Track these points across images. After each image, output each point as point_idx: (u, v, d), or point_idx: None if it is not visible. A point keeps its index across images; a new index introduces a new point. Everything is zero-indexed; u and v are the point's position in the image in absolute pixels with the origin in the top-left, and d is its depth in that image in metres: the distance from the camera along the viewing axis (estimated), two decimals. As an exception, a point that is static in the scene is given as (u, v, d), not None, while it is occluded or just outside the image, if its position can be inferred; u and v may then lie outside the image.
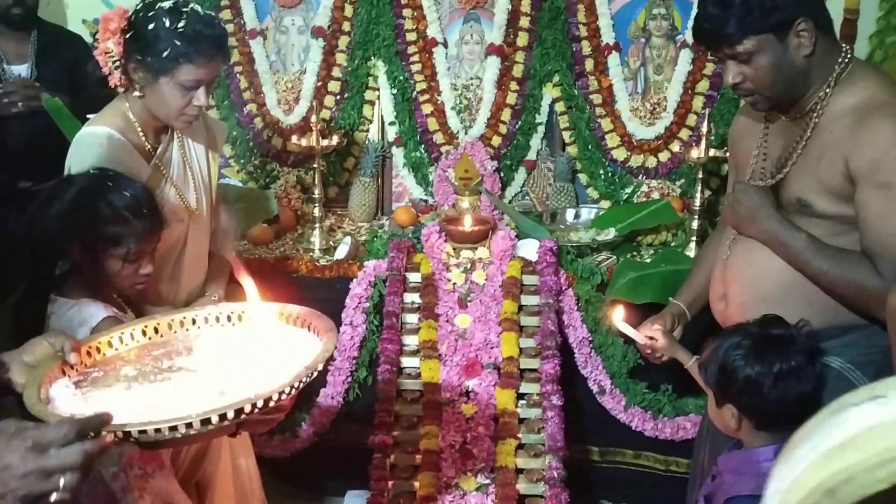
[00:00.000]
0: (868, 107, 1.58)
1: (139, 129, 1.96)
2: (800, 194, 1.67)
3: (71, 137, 2.61)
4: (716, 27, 1.64)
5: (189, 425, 1.00)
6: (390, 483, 2.24)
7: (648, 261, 2.67)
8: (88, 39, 3.24)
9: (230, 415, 1.01)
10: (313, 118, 2.78)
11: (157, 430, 0.99)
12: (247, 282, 1.32)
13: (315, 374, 1.14)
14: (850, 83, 1.63)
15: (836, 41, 1.68)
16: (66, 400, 1.12)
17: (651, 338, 1.96)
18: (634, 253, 2.77)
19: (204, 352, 1.25)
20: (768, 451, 1.62)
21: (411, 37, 3.14)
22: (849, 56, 1.66)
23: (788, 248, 1.66)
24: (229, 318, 1.33)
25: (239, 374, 1.14)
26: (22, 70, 2.88)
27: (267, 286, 1.53)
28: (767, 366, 1.56)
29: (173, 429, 1.00)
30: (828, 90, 1.64)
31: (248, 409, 1.03)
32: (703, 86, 3.06)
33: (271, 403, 1.05)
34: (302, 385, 1.10)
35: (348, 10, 3.15)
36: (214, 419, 1.01)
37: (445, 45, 3.17)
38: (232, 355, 1.23)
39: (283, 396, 1.07)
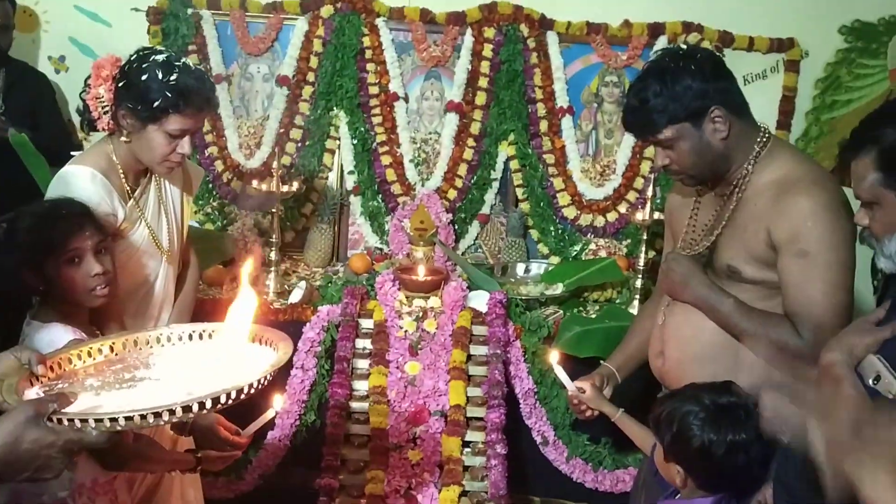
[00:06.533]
0: (786, 182, 1.73)
1: (121, 171, 2.02)
2: (730, 261, 1.80)
3: (35, 172, 2.67)
4: (637, 119, 1.81)
5: (172, 412, 1.07)
6: (334, 527, 2.26)
7: (593, 316, 2.76)
8: (52, 75, 3.29)
9: (209, 404, 1.09)
10: (274, 164, 2.85)
11: (143, 417, 1.06)
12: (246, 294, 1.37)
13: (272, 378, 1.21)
14: (770, 160, 1.79)
15: (752, 123, 1.83)
16: None
17: (581, 390, 2.04)
18: (580, 308, 2.87)
19: (162, 366, 1.32)
20: (706, 503, 1.70)
21: (374, 90, 3.25)
22: (767, 135, 1.81)
23: (717, 311, 1.79)
24: (180, 339, 1.40)
25: (202, 380, 1.19)
26: None
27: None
28: (721, 437, 1.64)
29: (157, 416, 1.06)
30: (749, 167, 1.80)
31: (223, 399, 1.10)
32: (650, 151, 3.19)
33: (242, 396, 1.13)
34: (267, 381, 1.18)
35: (313, 62, 3.24)
36: (196, 407, 1.08)
37: (406, 99, 3.28)
38: (190, 367, 1.30)
39: (253, 390, 1.15)
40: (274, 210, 2.88)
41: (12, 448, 1.08)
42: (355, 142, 3.27)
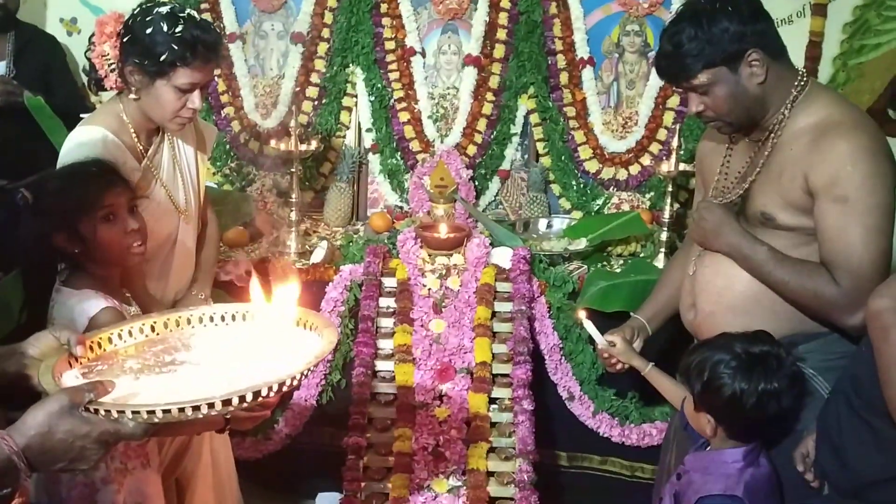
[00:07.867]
0: (825, 126, 1.68)
1: (132, 130, 1.99)
2: (763, 208, 1.76)
3: (52, 135, 2.65)
4: (672, 64, 1.75)
5: (211, 405, 1.04)
6: (363, 484, 2.27)
7: (618, 271, 2.73)
8: (64, 38, 3.25)
9: (249, 397, 1.06)
10: (291, 123, 2.81)
11: (181, 410, 1.03)
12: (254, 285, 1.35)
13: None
14: (808, 104, 1.73)
15: (790, 66, 1.77)
16: None
17: (611, 343, 2.02)
18: (605, 263, 2.83)
19: (202, 348, 1.28)
20: (736, 454, 1.69)
21: (390, 45, 3.19)
22: (805, 79, 1.75)
23: (751, 260, 1.74)
24: (223, 319, 1.36)
25: (242, 366, 1.17)
26: None
27: (242, 289, 1.54)
28: (753, 386, 1.62)
29: (196, 409, 1.03)
30: (786, 112, 1.74)
31: (265, 392, 1.07)
32: (673, 101, 3.14)
33: (285, 388, 1.10)
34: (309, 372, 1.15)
35: (328, 17, 3.18)
36: (235, 401, 1.04)
37: (423, 54, 3.22)
38: (230, 351, 1.27)
39: (295, 382, 1.11)
40: (293, 170, 2.85)
41: (45, 438, 1.05)
42: (372, 99, 3.22)
